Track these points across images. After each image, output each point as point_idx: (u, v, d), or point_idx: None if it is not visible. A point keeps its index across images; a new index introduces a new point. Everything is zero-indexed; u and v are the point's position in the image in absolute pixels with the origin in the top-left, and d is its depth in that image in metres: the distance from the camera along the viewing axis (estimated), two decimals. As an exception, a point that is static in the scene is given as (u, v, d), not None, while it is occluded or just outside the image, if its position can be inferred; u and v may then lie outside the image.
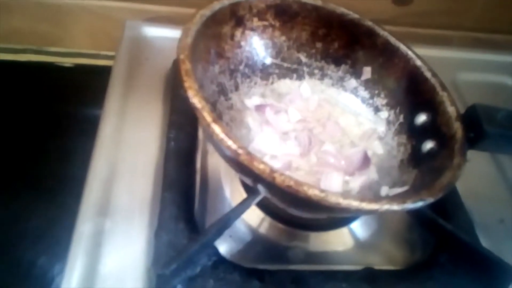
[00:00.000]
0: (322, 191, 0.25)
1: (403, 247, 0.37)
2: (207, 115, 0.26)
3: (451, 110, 0.34)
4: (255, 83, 0.39)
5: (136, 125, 0.41)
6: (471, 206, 0.39)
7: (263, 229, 0.36)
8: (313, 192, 0.25)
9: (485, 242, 0.37)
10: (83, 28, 0.57)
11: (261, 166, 0.25)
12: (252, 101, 0.38)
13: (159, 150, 0.39)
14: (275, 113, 0.37)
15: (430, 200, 0.27)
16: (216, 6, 0.33)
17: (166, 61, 0.46)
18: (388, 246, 0.37)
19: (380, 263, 0.35)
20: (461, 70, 0.54)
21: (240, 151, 0.25)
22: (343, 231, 0.37)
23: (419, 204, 0.27)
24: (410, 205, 0.27)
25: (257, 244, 0.35)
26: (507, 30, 0.61)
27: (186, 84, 0.27)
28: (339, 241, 0.36)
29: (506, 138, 0.32)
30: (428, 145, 0.34)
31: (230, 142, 0.25)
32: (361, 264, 0.34)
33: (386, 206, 0.26)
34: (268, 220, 0.36)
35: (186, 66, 0.28)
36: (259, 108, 0.37)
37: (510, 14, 0.59)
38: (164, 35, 0.49)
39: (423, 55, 0.37)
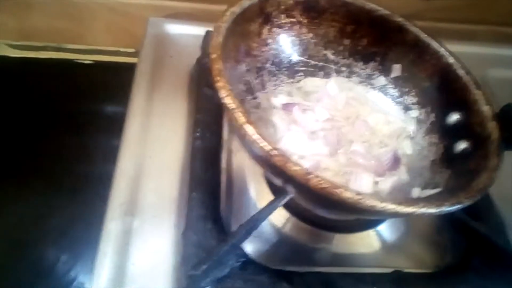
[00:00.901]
0: (358, 193, 0.24)
1: (432, 249, 0.36)
2: (240, 116, 0.26)
3: (485, 109, 0.33)
4: (282, 81, 0.38)
5: (162, 123, 0.40)
6: (502, 208, 0.38)
7: (288, 230, 0.36)
8: (348, 195, 0.24)
9: (517, 245, 0.36)
10: (103, 25, 0.57)
11: (296, 168, 0.25)
12: (279, 99, 0.37)
13: (185, 148, 0.39)
14: (303, 112, 0.36)
15: (468, 202, 0.27)
16: (246, 3, 0.32)
17: (190, 58, 0.45)
18: (417, 248, 0.36)
19: (409, 266, 0.34)
20: (490, 66, 0.52)
21: (273, 152, 0.25)
22: (370, 233, 0.36)
23: (457, 207, 0.26)
24: (447, 208, 0.26)
25: (283, 245, 0.35)
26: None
27: (219, 84, 0.26)
28: (365, 243, 0.36)
29: (543, 139, 0.31)
30: (462, 145, 0.33)
31: (264, 143, 0.25)
32: (389, 266, 0.34)
33: (423, 209, 0.25)
34: (293, 220, 0.36)
35: (218, 65, 0.27)
36: (286, 107, 0.36)
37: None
38: (187, 32, 0.49)
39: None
